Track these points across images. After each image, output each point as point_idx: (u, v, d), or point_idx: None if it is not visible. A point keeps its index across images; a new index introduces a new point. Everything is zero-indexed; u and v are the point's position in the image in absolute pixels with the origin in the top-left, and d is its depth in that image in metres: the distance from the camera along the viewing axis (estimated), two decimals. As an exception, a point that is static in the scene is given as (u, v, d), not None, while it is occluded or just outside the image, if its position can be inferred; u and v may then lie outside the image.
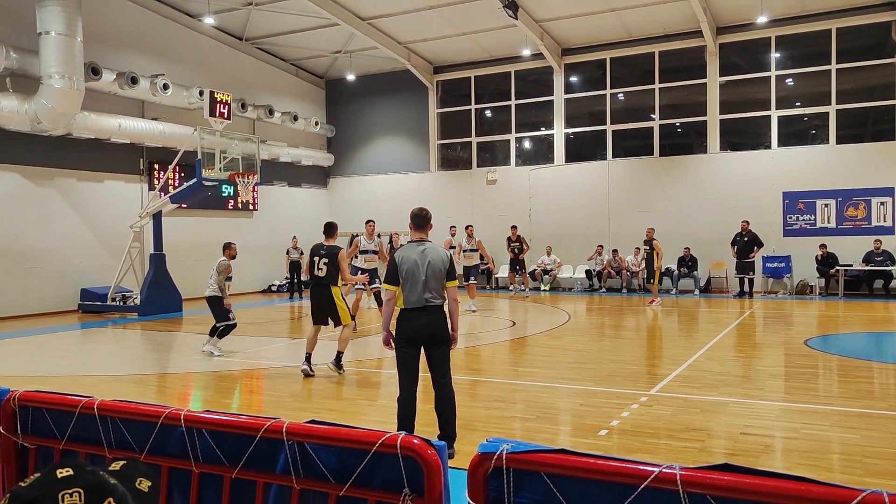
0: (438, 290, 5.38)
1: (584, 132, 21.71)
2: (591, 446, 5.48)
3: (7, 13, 15.23)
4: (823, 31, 18.46)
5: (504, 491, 1.77)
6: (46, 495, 1.13)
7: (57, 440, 2.51)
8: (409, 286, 5.32)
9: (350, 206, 24.56)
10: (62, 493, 1.14)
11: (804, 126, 19.41)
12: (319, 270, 8.34)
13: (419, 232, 5.54)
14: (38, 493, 1.14)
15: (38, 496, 1.13)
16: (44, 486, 1.15)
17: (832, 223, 18.35)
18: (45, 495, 1.13)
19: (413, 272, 5.31)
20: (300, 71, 23.96)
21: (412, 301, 5.32)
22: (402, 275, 5.33)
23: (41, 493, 1.14)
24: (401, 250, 5.46)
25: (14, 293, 15.50)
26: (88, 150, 16.94)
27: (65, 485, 1.15)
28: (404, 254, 5.41)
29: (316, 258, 8.38)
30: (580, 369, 8.89)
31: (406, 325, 5.35)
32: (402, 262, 5.36)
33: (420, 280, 5.30)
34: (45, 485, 1.15)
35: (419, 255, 5.37)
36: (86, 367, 9.73)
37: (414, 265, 5.32)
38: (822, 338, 11.16)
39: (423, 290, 5.30)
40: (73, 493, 1.14)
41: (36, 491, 1.14)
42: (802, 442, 5.60)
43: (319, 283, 8.42)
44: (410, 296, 5.32)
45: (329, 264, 8.31)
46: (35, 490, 1.14)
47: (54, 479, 1.16)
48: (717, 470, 1.53)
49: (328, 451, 2.03)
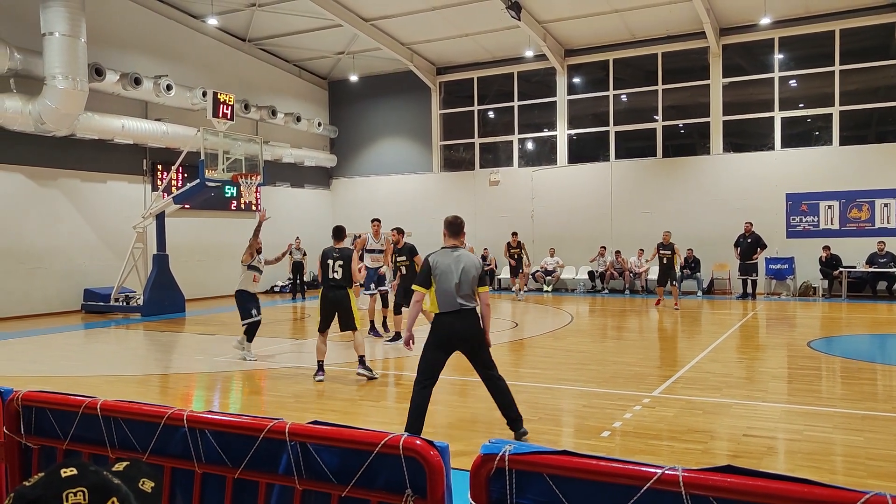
0: (471, 295, 5.53)
1: (587, 133, 21.70)
2: (594, 448, 5.48)
3: (11, 14, 15.27)
4: (827, 33, 18.44)
5: (506, 492, 1.77)
6: (50, 494, 1.14)
7: (60, 440, 2.52)
8: (443, 290, 5.46)
9: (353, 207, 24.57)
10: (66, 492, 1.14)
11: (808, 127, 19.38)
12: (335, 273, 8.25)
13: (453, 238, 5.68)
14: (43, 492, 1.14)
15: (42, 495, 1.14)
16: (48, 486, 1.15)
17: (836, 225, 18.31)
18: (49, 494, 1.14)
19: (446, 276, 5.45)
20: (303, 72, 23.98)
21: (445, 305, 5.46)
22: (435, 279, 5.47)
23: (45, 491, 1.14)
24: (435, 255, 5.59)
25: (18, 293, 15.53)
26: (92, 150, 16.97)
27: (69, 484, 1.16)
28: (438, 258, 5.54)
29: (330, 261, 8.29)
30: (583, 370, 8.88)
31: (440, 330, 5.52)
32: (435, 266, 5.50)
33: (453, 284, 5.44)
34: (50, 484, 1.16)
35: (453, 260, 5.51)
36: (89, 367, 9.75)
37: (448, 269, 5.46)
38: (826, 339, 11.14)
39: (457, 295, 5.44)
40: (77, 493, 1.15)
41: (40, 490, 1.15)
42: (805, 444, 5.59)
43: (336, 286, 8.29)
44: (444, 300, 5.47)
45: (344, 266, 8.27)
46: (39, 489, 1.15)
47: (58, 479, 1.16)
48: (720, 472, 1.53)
49: (331, 452, 2.03)
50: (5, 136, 15.03)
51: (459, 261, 5.51)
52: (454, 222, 5.71)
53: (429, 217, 23.04)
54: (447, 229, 5.70)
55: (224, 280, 20.58)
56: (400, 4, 19.08)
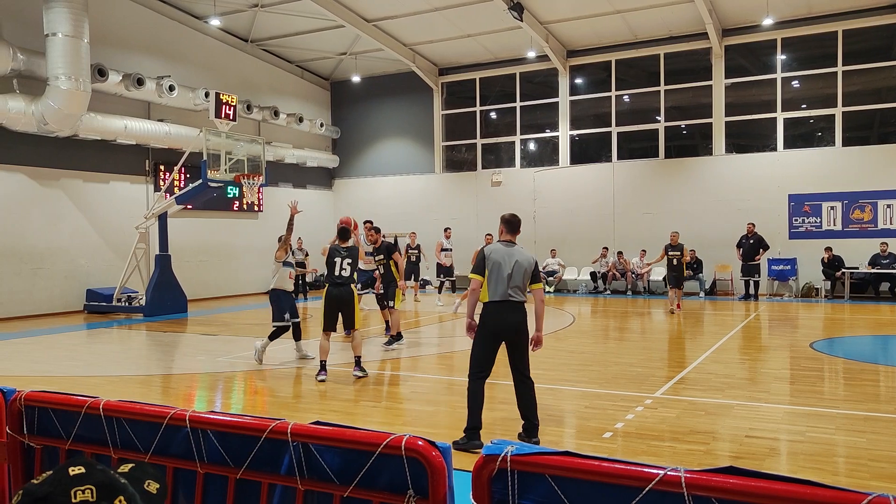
0: (522, 289, 5.69)
1: (589, 134, 21.69)
2: (596, 449, 5.47)
3: (14, 15, 15.30)
4: (830, 33, 18.42)
5: (508, 493, 1.77)
6: (59, 491, 1.15)
7: (63, 440, 2.52)
8: (495, 280, 5.63)
9: (355, 208, 24.55)
10: (74, 490, 1.16)
11: (810, 128, 19.36)
12: (343, 271, 8.39)
13: (510, 235, 5.86)
14: (51, 490, 1.15)
15: (51, 492, 1.15)
16: (56, 483, 1.17)
17: (838, 226, 18.29)
18: (57, 491, 1.15)
19: (499, 266, 5.63)
20: (305, 72, 24.00)
21: (496, 294, 5.62)
22: (488, 267, 5.64)
23: (53, 489, 1.15)
24: (491, 245, 5.80)
25: (21, 293, 15.56)
26: (94, 151, 17.00)
27: (77, 482, 1.17)
28: (494, 248, 5.74)
29: (338, 259, 8.40)
30: (584, 371, 8.88)
31: (490, 319, 5.65)
32: (490, 255, 5.69)
33: (505, 274, 5.60)
34: (58, 481, 1.17)
35: (507, 252, 5.70)
36: (91, 367, 9.76)
37: (501, 259, 5.65)
38: (828, 341, 11.12)
39: (507, 286, 5.60)
40: (84, 490, 1.16)
41: (48, 487, 1.16)
42: (808, 445, 5.58)
43: (343, 284, 8.40)
44: (495, 289, 5.63)
45: (352, 265, 8.45)
46: (48, 486, 1.16)
47: (66, 477, 1.17)
48: (723, 473, 1.53)
49: (333, 453, 2.03)
50: (8, 136, 15.06)
51: (513, 255, 5.69)
52: (511, 220, 5.91)
53: (431, 218, 23.07)
54: (504, 226, 5.90)
55: (226, 280, 20.61)
56: (402, 5, 19.08)
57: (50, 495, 1.14)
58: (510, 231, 5.87)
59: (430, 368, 9.21)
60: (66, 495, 1.15)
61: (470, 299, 5.79)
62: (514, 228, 5.89)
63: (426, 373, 8.91)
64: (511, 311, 5.63)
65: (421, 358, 9.93)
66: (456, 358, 10.04)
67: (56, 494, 1.15)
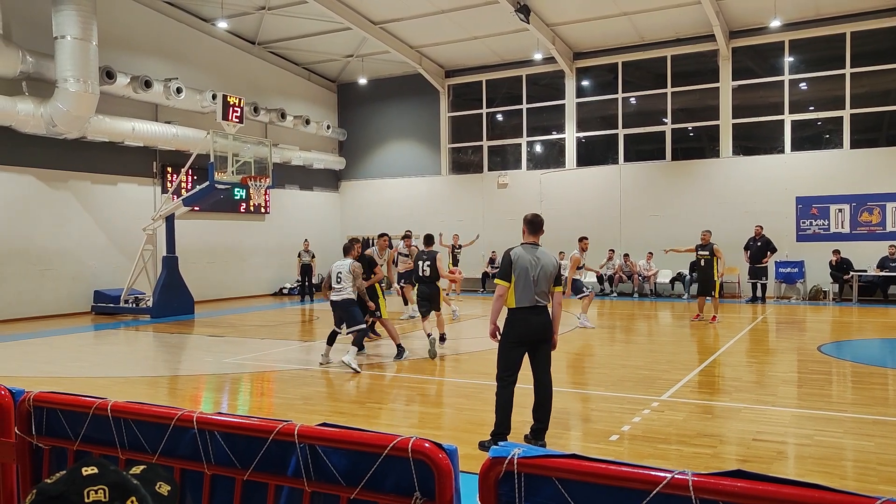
0: (546, 293, 5.66)
1: (595, 136, 21.67)
2: (602, 451, 5.46)
3: (23, 18, 15.39)
4: (838, 35, 18.35)
5: (515, 495, 1.76)
6: (72, 491, 1.16)
7: (71, 441, 2.53)
8: (522, 285, 5.57)
9: (361, 210, 24.64)
10: (87, 490, 1.17)
11: (818, 130, 19.29)
12: (424, 271, 10.49)
13: (533, 236, 5.79)
14: (65, 489, 1.17)
15: (65, 491, 1.16)
16: (69, 483, 1.18)
17: (846, 228, 18.21)
18: (70, 491, 1.17)
19: (526, 271, 5.57)
20: (312, 75, 24.06)
21: (523, 300, 5.57)
22: (515, 273, 5.58)
23: (67, 488, 1.17)
24: (516, 249, 5.70)
25: (29, 294, 15.64)
26: (102, 153, 17.08)
27: (90, 482, 1.18)
28: (519, 253, 5.66)
29: (420, 262, 10.61)
30: (591, 374, 8.86)
31: (518, 325, 5.61)
32: (517, 260, 5.62)
33: (532, 280, 5.56)
34: (71, 481, 1.18)
35: (533, 256, 5.64)
36: (99, 368, 9.80)
37: (528, 265, 5.58)
38: (836, 344, 11.07)
39: (534, 291, 5.56)
40: (97, 490, 1.17)
41: (62, 486, 1.17)
42: (816, 449, 5.55)
43: (428, 281, 10.49)
44: (522, 295, 5.58)
45: (431, 266, 10.47)
46: (61, 486, 1.17)
47: (80, 476, 1.19)
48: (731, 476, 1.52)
49: (339, 454, 2.03)
50: (17, 138, 15.15)
51: (539, 258, 5.64)
52: (534, 220, 5.84)
53: (437, 220, 23.08)
54: (527, 227, 5.82)
55: (233, 282, 20.67)
56: (408, 8, 19.12)
57: (63, 494, 1.16)
58: (533, 232, 5.80)
59: (436, 371, 9.20)
60: (80, 495, 1.16)
61: (495, 305, 5.72)
62: (537, 229, 5.82)
63: (432, 375, 8.91)
64: (537, 316, 5.61)
65: (427, 360, 9.92)
66: (462, 360, 10.04)
67: (69, 494, 1.16)
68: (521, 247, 5.74)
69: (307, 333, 13.58)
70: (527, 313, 5.58)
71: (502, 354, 5.68)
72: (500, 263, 5.79)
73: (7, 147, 15.13)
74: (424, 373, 9.01)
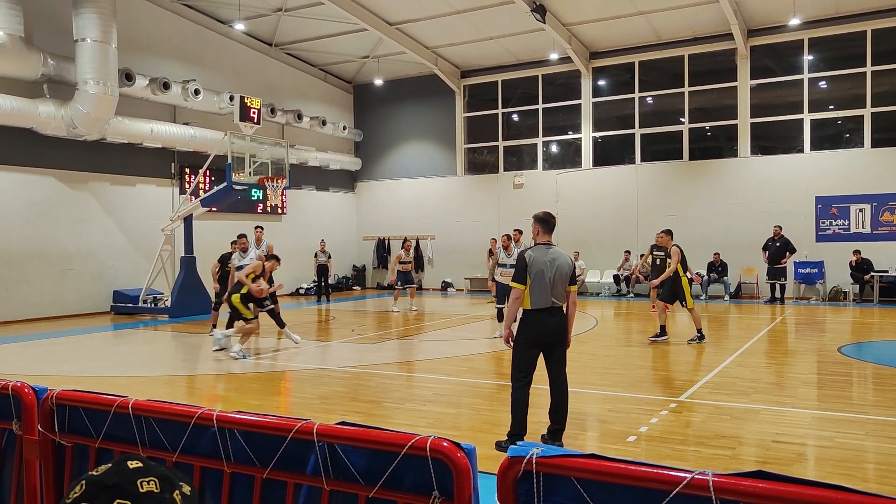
0: (563, 294, 5.59)
1: (612, 136, 21.57)
2: (619, 452, 5.43)
3: (45, 21, 15.60)
4: (858, 33, 18.13)
5: (534, 495, 1.76)
6: (125, 482, 1.20)
7: (93, 439, 2.56)
8: (537, 287, 5.51)
9: (377, 210, 24.70)
10: (140, 480, 1.20)
11: (838, 129, 19.07)
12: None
13: (547, 235, 5.74)
14: (118, 480, 1.20)
15: (119, 482, 1.19)
16: (120, 474, 1.21)
17: (867, 228, 17.99)
18: (124, 482, 1.20)
19: (542, 273, 5.51)
20: (328, 76, 24.16)
21: (539, 302, 5.51)
22: (531, 275, 5.51)
23: (120, 479, 1.20)
24: (531, 251, 5.64)
25: (51, 294, 15.84)
26: (122, 154, 17.26)
27: (140, 474, 1.22)
28: (535, 255, 5.58)
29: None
30: (608, 375, 8.82)
31: (534, 327, 5.55)
32: (532, 263, 5.54)
33: (548, 281, 5.49)
34: (121, 472, 1.21)
35: (549, 257, 5.57)
36: (118, 367, 9.91)
37: (544, 266, 5.52)
38: (857, 345, 10.94)
39: (550, 292, 5.50)
40: (149, 481, 1.21)
41: (115, 477, 1.20)
42: (837, 451, 5.49)
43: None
44: (538, 297, 5.51)
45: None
46: (114, 476, 1.20)
47: (128, 469, 1.22)
48: (752, 477, 1.51)
49: (358, 453, 2.04)
50: (39, 140, 15.35)
51: (555, 259, 5.58)
52: (546, 219, 5.77)
53: (452, 220, 23.09)
54: (541, 226, 5.75)
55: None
56: (425, 8, 19.14)
57: (118, 485, 1.19)
58: (546, 231, 5.74)
59: (452, 370, 9.21)
60: (133, 485, 1.19)
61: (511, 308, 5.66)
62: (550, 228, 5.77)
63: (448, 375, 8.91)
64: (553, 317, 5.56)
65: (441, 360, 9.93)
66: (476, 360, 10.03)
67: (123, 484, 1.19)
68: (536, 248, 5.68)
69: (324, 333, 13.63)
70: (543, 315, 5.53)
71: (517, 356, 5.65)
72: (515, 266, 5.72)
73: (29, 149, 15.33)
74: (438, 373, 9.01)
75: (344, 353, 10.84)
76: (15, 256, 15.22)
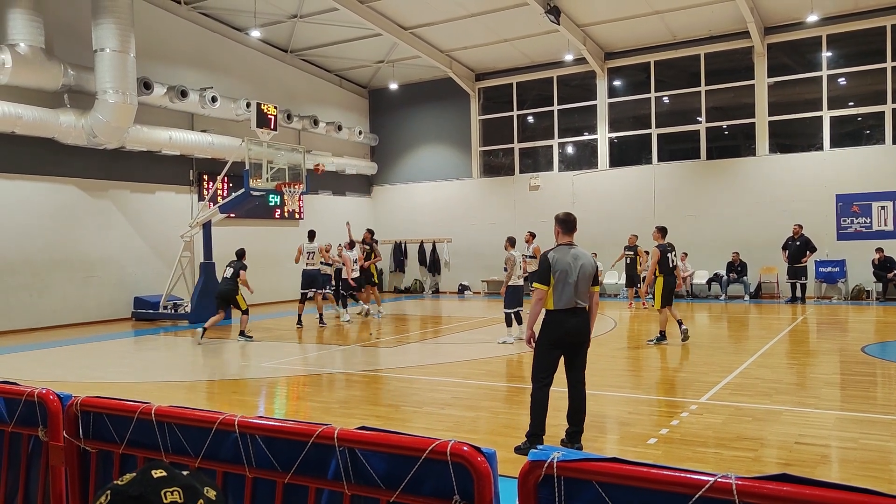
0: (586, 294, 5.57)
1: (628, 136, 21.46)
2: (640, 455, 5.39)
3: (65, 32, 15.82)
4: (878, 28, 17.90)
5: (555, 499, 1.76)
6: (150, 492, 1.21)
7: (117, 444, 2.59)
8: (561, 288, 5.49)
9: (393, 214, 24.75)
10: (164, 491, 1.21)
11: (858, 126, 18.83)
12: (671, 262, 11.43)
13: (568, 236, 5.71)
14: (143, 490, 1.21)
15: (144, 492, 1.21)
16: (145, 484, 1.22)
17: (889, 226, 17.73)
18: (149, 492, 1.21)
19: (566, 274, 5.49)
20: (344, 81, 24.27)
21: (563, 303, 5.49)
22: (554, 276, 5.49)
23: (144, 489, 1.21)
24: (553, 252, 5.61)
25: (73, 301, 16.04)
26: (141, 162, 17.45)
27: (164, 483, 1.23)
28: (558, 256, 5.56)
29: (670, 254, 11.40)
30: (627, 377, 8.77)
31: (557, 328, 5.53)
32: (555, 263, 5.52)
33: (572, 282, 5.48)
34: (146, 482, 1.22)
35: (572, 257, 5.55)
36: (140, 373, 10.01)
37: (567, 267, 5.50)
38: (881, 344, 10.78)
39: (574, 293, 5.48)
40: (173, 492, 1.22)
41: (139, 488, 1.21)
42: (861, 452, 5.41)
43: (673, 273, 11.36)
44: (561, 297, 5.50)
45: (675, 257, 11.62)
46: (137, 486, 1.22)
47: (152, 479, 1.23)
48: (775, 480, 1.50)
49: (379, 458, 2.05)
50: (60, 149, 15.56)
51: (578, 259, 5.56)
52: (567, 219, 5.75)
53: (468, 223, 23.08)
54: (562, 226, 5.73)
55: (268, 287, 20.89)
56: (439, 12, 19.18)
57: (143, 495, 1.20)
58: (567, 231, 5.71)
59: (469, 373, 9.20)
60: (158, 495, 1.20)
61: (534, 309, 5.63)
62: (571, 228, 5.73)
63: (466, 378, 8.90)
64: (576, 318, 5.52)
65: (459, 363, 9.92)
66: (494, 363, 10.01)
67: (148, 494, 1.20)
68: (558, 248, 5.66)
69: (342, 338, 13.68)
70: (566, 315, 5.50)
71: (539, 356, 5.62)
72: (538, 267, 5.69)
73: (50, 158, 15.55)
74: (456, 376, 9.00)
75: (362, 357, 10.87)
76: (38, 264, 15.44)
